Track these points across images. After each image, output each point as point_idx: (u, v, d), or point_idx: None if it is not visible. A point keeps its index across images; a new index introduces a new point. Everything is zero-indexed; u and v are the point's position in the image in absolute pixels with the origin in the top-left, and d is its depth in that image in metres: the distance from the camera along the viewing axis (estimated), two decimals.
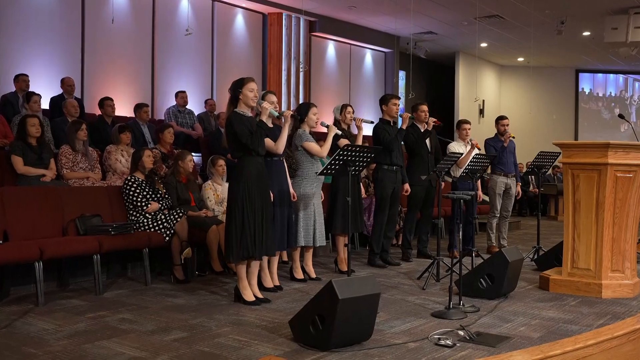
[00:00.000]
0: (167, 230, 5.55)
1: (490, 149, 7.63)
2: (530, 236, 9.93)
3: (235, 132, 4.61)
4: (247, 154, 4.67)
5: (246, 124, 4.65)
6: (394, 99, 6.56)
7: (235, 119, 4.65)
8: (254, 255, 4.68)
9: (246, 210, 4.62)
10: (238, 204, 4.63)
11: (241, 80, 4.77)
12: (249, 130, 4.62)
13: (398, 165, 6.52)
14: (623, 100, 19.71)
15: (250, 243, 4.63)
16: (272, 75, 12.07)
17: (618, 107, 19.42)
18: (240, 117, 4.68)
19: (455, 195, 4.43)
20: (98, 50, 9.45)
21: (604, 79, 19.47)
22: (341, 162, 4.61)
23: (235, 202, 4.64)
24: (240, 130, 4.60)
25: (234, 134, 4.64)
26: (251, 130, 4.63)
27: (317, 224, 5.60)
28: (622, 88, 19.74)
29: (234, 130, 4.62)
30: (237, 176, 4.69)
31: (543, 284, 5.47)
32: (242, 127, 4.61)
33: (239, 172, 4.70)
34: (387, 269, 6.48)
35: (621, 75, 19.45)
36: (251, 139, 4.61)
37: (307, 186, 5.57)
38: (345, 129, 6.22)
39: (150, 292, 5.22)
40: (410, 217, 7.06)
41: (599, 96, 19.42)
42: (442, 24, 13.23)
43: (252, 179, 4.66)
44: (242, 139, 4.60)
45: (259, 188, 4.70)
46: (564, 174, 5.34)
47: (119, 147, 6.72)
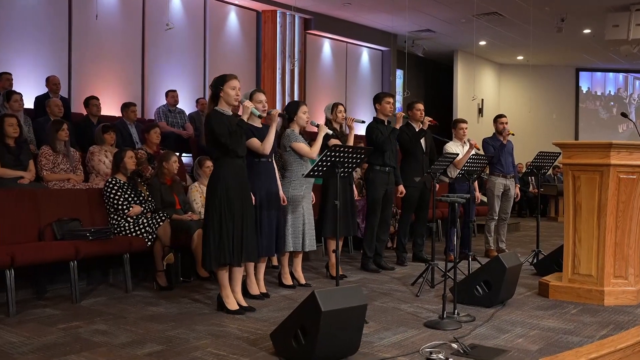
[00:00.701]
0: (149, 235, 5.31)
1: (489, 149, 7.38)
2: (530, 238, 9.69)
3: (214, 131, 4.38)
4: (226, 155, 4.44)
5: (226, 123, 4.41)
6: (388, 98, 6.31)
7: (215, 117, 4.42)
8: (232, 261, 4.44)
9: (224, 214, 4.39)
10: (216, 207, 4.39)
11: (223, 77, 4.54)
12: (228, 130, 4.39)
13: (391, 166, 6.27)
14: (622, 99, 19.41)
15: (228, 249, 4.40)
16: (266, 74, 11.82)
17: (617, 106, 19.16)
18: (220, 115, 4.44)
19: (449, 199, 4.19)
20: (86, 48, 9.19)
21: (602, 77, 19.18)
22: (329, 164, 4.36)
23: (213, 205, 4.40)
24: (219, 130, 4.36)
25: (212, 133, 4.41)
26: (230, 130, 4.40)
27: (307, 228, 5.36)
28: (621, 86, 19.45)
29: (213, 129, 4.39)
30: (215, 178, 4.46)
31: (542, 291, 5.23)
32: (221, 126, 4.38)
33: (217, 174, 4.47)
34: (381, 274, 6.23)
35: (621, 74, 19.18)
36: (230, 139, 4.37)
37: (296, 188, 5.33)
38: (336, 129, 5.97)
39: (130, 300, 4.98)
40: (405, 220, 6.82)
41: (597, 95, 19.12)
42: (440, 21, 12.98)
43: (231, 181, 4.42)
44: (220, 138, 4.37)
45: (239, 191, 4.46)
46: (564, 175, 5.10)
47: (102, 148, 6.48)
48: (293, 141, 5.29)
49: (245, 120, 4.52)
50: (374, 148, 6.18)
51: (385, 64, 14.40)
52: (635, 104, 19.40)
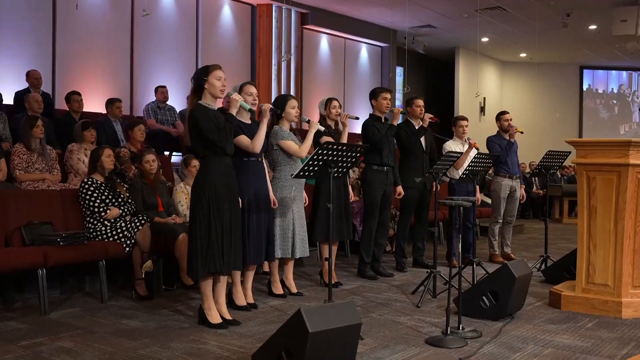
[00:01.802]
0: (128, 240, 4.89)
1: (495, 147, 6.95)
2: (535, 241, 9.27)
3: (200, 127, 3.98)
4: (214, 154, 4.04)
5: (212, 118, 4.01)
6: (385, 93, 5.89)
7: (200, 112, 4.01)
8: (221, 270, 4.04)
9: (213, 218, 3.99)
10: (204, 210, 4.00)
11: (206, 67, 4.15)
12: (216, 126, 3.98)
13: (389, 166, 5.86)
14: (624, 97, 18.88)
15: (217, 256, 4.00)
16: (262, 71, 11.40)
17: (619, 104, 18.66)
18: (205, 110, 4.04)
19: (454, 202, 3.78)
20: (71, 41, 8.78)
21: (605, 74, 18.66)
22: (321, 163, 3.95)
23: (200, 208, 4.00)
24: (206, 126, 3.96)
25: (198, 129, 4.00)
26: (218, 126, 3.99)
27: (297, 232, 4.95)
28: (624, 83, 18.90)
29: (199, 125, 3.99)
30: (202, 179, 4.06)
31: (554, 301, 4.82)
32: (208, 121, 3.98)
33: (204, 174, 4.07)
34: (379, 281, 5.83)
35: (624, 71, 18.68)
36: (219, 136, 3.97)
37: (285, 190, 4.92)
38: (330, 126, 5.56)
39: (104, 311, 4.56)
40: (404, 223, 6.41)
41: (598, 92, 18.61)
42: (441, 16, 12.56)
43: (219, 181, 4.03)
44: (208, 135, 3.97)
45: (227, 193, 4.07)
46: (578, 175, 4.69)
47: (82, 146, 6.07)
48: (280, 139, 4.88)
49: (234, 113, 4.12)
50: (371, 146, 5.77)
51: (385, 61, 13.98)
52: (638, 103, 18.90)
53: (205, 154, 4.07)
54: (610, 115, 18.62)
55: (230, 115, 4.07)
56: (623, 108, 18.93)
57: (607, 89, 18.74)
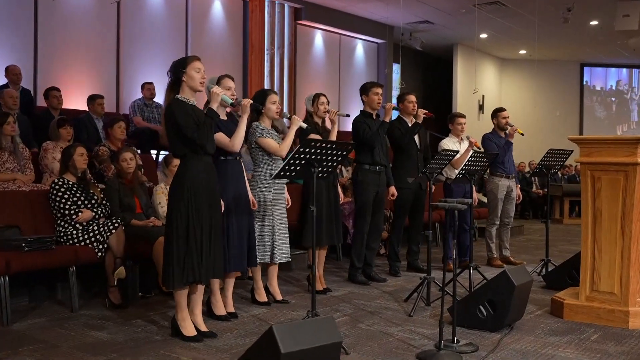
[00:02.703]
0: (100, 245, 4.58)
1: (492, 146, 6.63)
2: (535, 243, 8.96)
3: (178, 124, 3.67)
4: (193, 152, 3.73)
5: (191, 113, 3.70)
6: (376, 88, 5.56)
7: (178, 107, 3.71)
8: (200, 278, 3.74)
9: (192, 223, 3.70)
10: (182, 214, 3.70)
11: (184, 59, 3.84)
12: (195, 122, 3.67)
13: (381, 165, 5.54)
14: (622, 93, 18.44)
15: (196, 264, 3.69)
16: (254, 67, 11.05)
17: (616, 102, 18.26)
18: (184, 105, 3.73)
19: (447, 205, 3.46)
20: (54, 36, 8.43)
21: (603, 71, 18.23)
22: (303, 162, 3.63)
23: (178, 211, 3.70)
24: (185, 122, 3.66)
25: (176, 126, 3.70)
26: (198, 122, 3.68)
27: (277, 237, 4.63)
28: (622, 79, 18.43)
29: (176, 122, 3.68)
30: (180, 180, 3.75)
31: (556, 310, 4.51)
32: (187, 117, 3.67)
33: (182, 175, 3.76)
34: (370, 287, 5.51)
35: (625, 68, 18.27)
36: (198, 133, 3.67)
37: (264, 191, 4.59)
38: (317, 123, 5.23)
39: (73, 321, 4.24)
40: (398, 225, 6.09)
41: (595, 89, 18.19)
42: (439, 12, 12.23)
43: (199, 183, 3.73)
44: (186, 132, 3.66)
45: (208, 195, 3.78)
46: (582, 175, 4.38)
47: (57, 144, 5.75)
48: (259, 136, 4.55)
49: (215, 108, 3.81)
50: (362, 145, 5.46)
51: (381, 58, 13.64)
52: (637, 101, 18.45)
53: (184, 153, 3.77)
54: (607, 114, 18.20)
55: (210, 111, 3.77)
56: (621, 106, 18.48)
57: (605, 85, 18.30)
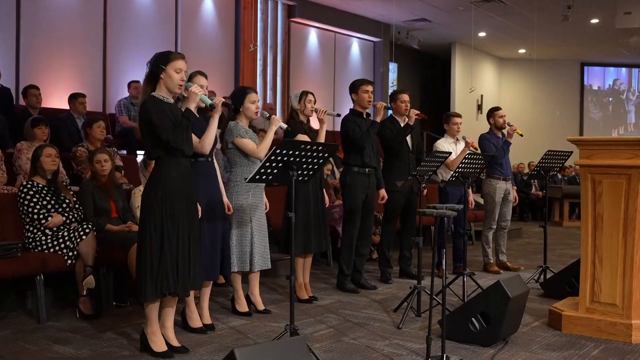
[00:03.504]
0: (70, 251, 4.31)
1: (489, 147, 6.36)
2: (534, 247, 8.69)
3: (153, 124, 3.41)
4: (169, 154, 3.47)
5: (168, 113, 3.45)
6: (366, 85, 5.29)
7: (153, 105, 3.45)
8: (175, 290, 3.48)
9: (167, 230, 3.44)
10: (155, 221, 3.44)
11: (167, 55, 3.56)
12: (171, 122, 3.42)
13: (371, 167, 5.28)
14: (618, 93, 18.08)
15: (172, 274, 3.44)
16: (246, 66, 10.80)
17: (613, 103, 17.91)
18: (160, 103, 3.48)
19: (435, 212, 3.20)
20: (38, 32, 8.16)
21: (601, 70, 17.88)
22: (280, 165, 3.37)
23: (152, 218, 3.45)
24: (160, 123, 3.40)
25: (150, 126, 3.44)
26: (175, 122, 3.43)
27: (257, 243, 4.36)
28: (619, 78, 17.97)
29: (151, 121, 3.42)
30: (155, 184, 3.50)
31: (554, 322, 4.24)
32: (163, 118, 3.42)
33: (157, 178, 3.50)
34: (359, 295, 5.24)
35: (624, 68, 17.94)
36: (174, 134, 3.41)
37: (241, 195, 4.32)
38: (304, 122, 4.96)
39: (39, 334, 3.98)
40: (388, 230, 5.82)
41: (592, 89, 17.81)
42: (435, 9, 11.96)
43: (175, 188, 3.47)
44: (161, 133, 3.40)
45: (185, 200, 3.52)
46: (582, 179, 4.11)
47: (32, 145, 5.47)
48: (236, 136, 4.29)
49: (193, 109, 3.55)
50: (351, 145, 5.20)
51: (377, 56, 13.38)
52: (633, 101, 18.06)
53: (159, 155, 3.51)
54: (602, 115, 17.83)
55: (188, 111, 3.51)
56: (618, 107, 18.12)
57: (602, 85, 17.93)
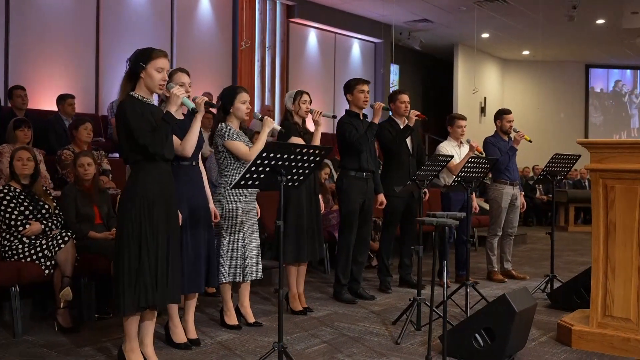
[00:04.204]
0: (48, 261, 4.06)
1: (494, 151, 6.10)
2: (539, 253, 8.42)
3: (130, 127, 3.17)
4: (147, 159, 3.23)
5: (147, 114, 3.21)
6: (361, 85, 5.03)
7: (131, 106, 3.20)
8: (154, 303, 3.24)
9: (145, 240, 3.20)
10: (133, 229, 3.20)
11: (148, 52, 3.29)
12: (150, 125, 3.18)
13: (369, 171, 5.02)
14: (620, 96, 17.70)
15: (150, 287, 3.20)
16: (244, 67, 10.55)
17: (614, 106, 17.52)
18: (138, 104, 3.24)
19: (435, 221, 2.94)
20: (28, 32, 7.94)
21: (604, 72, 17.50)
22: (267, 169, 3.11)
23: (130, 226, 3.20)
24: (137, 125, 3.16)
25: (127, 129, 3.20)
26: (154, 125, 3.18)
27: (249, 252, 4.11)
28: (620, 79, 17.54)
29: (128, 124, 3.18)
30: (132, 191, 3.26)
31: (563, 336, 3.98)
32: (140, 120, 3.18)
33: (134, 185, 3.27)
34: (357, 306, 4.98)
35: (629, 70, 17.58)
36: (152, 138, 3.17)
37: (233, 201, 4.07)
38: (298, 124, 4.70)
39: (13, 349, 3.72)
40: (388, 237, 5.56)
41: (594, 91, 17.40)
42: (438, 9, 11.70)
43: (154, 194, 3.24)
44: (138, 138, 3.17)
45: (164, 207, 3.28)
46: (593, 184, 3.85)
47: (14, 147, 5.22)
48: (227, 138, 4.04)
49: (174, 112, 3.31)
50: (348, 148, 4.95)
51: (379, 58, 13.13)
52: (637, 103, 17.68)
53: (136, 159, 3.27)
54: (604, 120, 17.40)
55: (168, 115, 3.26)
56: (619, 111, 17.61)
57: (605, 87, 17.54)
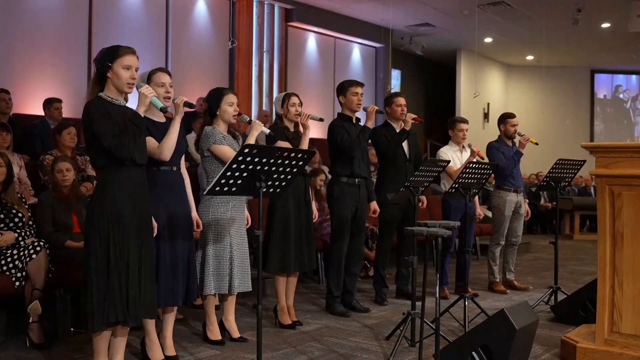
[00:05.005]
0: (18, 272, 3.83)
1: (498, 156, 5.85)
2: (543, 263, 8.14)
3: (94, 129, 2.96)
4: (116, 164, 3.02)
5: (115, 116, 3.00)
6: (354, 87, 4.80)
7: (96, 108, 3.00)
8: (124, 319, 3.01)
9: (114, 250, 2.98)
10: (101, 239, 2.98)
11: (113, 49, 3.10)
12: (117, 127, 2.97)
13: (361, 177, 4.78)
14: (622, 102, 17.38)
15: (120, 302, 2.98)
16: (241, 72, 10.33)
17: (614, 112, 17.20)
18: (106, 105, 3.03)
19: (426, 231, 2.69)
20: (17, 35, 7.76)
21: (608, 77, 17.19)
22: (245, 174, 2.87)
23: (97, 236, 2.99)
24: (101, 127, 2.96)
25: (92, 131, 2.99)
26: (121, 128, 2.97)
27: (236, 262, 3.88)
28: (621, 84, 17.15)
29: (92, 126, 2.97)
30: (100, 198, 3.04)
31: (567, 354, 3.71)
32: (105, 122, 2.97)
33: (102, 193, 3.05)
34: (350, 319, 4.72)
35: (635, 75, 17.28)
36: (118, 142, 2.95)
37: (219, 208, 3.84)
38: (288, 127, 4.47)
39: None
40: (384, 246, 5.31)
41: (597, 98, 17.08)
42: (439, 13, 11.49)
43: (124, 204, 3.02)
44: (103, 141, 2.96)
45: (135, 216, 3.06)
46: (599, 191, 3.60)
47: None
48: (212, 142, 3.82)
49: (142, 113, 3.08)
50: (339, 153, 4.71)
51: (380, 63, 12.91)
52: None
53: (104, 164, 3.04)
54: (605, 127, 17.03)
55: (136, 116, 3.03)
56: (621, 118, 17.21)
57: (609, 94, 17.21)
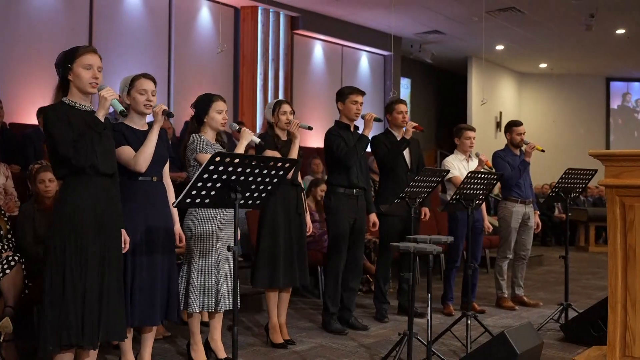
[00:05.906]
0: None
1: (504, 166, 5.60)
2: (556, 277, 7.81)
3: (52, 136, 2.80)
4: (77, 173, 2.83)
5: (75, 122, 2.82)
6: (354, 95, 4.56)
7: (54, 114, 2.83)
8: (81, 342, 2.80)
9: (70, 268, 2.78)
10: (57, 257, 2.78)
11: (72, 50, 2.95)
12: (77, 133, 2.78)
13: (359, 188, 4.54)
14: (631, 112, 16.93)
15: (75, 324, 2.77)
16: (245, 81, 10.18)
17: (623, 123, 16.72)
18: (66, 111, 2.85)
19: (413, 247, 2.45)
20: (17, 44, 7.67)
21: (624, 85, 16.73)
22: (218, 184, 2.65)
23: (53, 257, 2.80)
24: (59, 134, 2.78)
25: (50, 138, 2.83)
26: (81, 133, 2.79)
27: (223, 278, 3.65)
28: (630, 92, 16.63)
29: (50, 132, 2.81)
30: (59, 210, 2.84)
31: None
32: (63, 128, 2.79)
33: (61, 204, 2.86)
34: (347, 337, 4.47)
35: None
36: (75, 149, 2.76)
37: (206, 221, 3.62)
38: (279, 136, 4.25)
39: None
40: (384, 260, 5.05)
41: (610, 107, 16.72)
42: (449, 20, 11.25)
43: (84, 214, 2.81)
44: (60, 147, 2.78)
45: (100, 230, 2.86)
46: (609, 202, 3.32)
47: None
48: (199, 151, 3.62)
49: (102, 117, 2.87)
50: (335, 163, 4.49)
51: (388, 71, 12.68)
52: None
53: (65, 174, 2.86)
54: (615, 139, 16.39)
55: (95, 120, 2.83)
56: (631, 129, 16.65)
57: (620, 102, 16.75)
